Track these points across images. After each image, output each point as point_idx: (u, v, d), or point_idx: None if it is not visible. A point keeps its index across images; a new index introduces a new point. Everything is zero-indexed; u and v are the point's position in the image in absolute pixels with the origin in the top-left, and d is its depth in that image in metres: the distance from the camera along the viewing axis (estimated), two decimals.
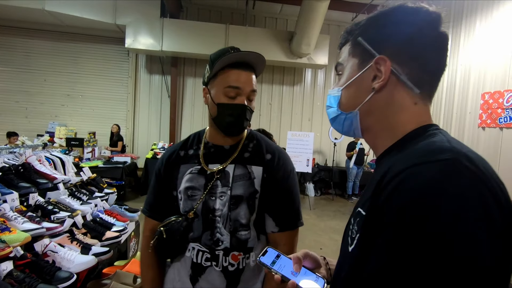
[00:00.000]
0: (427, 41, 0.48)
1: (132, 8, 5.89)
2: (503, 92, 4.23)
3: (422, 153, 0.40)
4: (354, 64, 0.53)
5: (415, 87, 0.48)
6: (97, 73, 6.86)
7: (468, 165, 0.36)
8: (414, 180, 0.37)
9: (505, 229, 0.34)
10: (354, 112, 0.53)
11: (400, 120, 0.49)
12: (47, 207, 1.55)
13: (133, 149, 7.08)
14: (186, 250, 0.88)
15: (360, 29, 0.53)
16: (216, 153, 0.92)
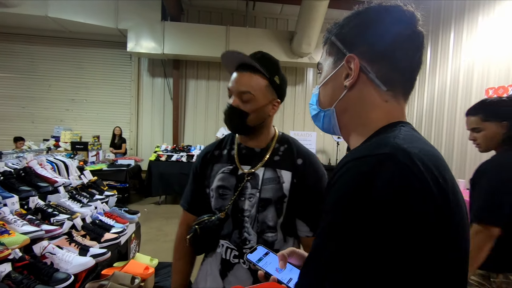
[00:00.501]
0: (399, 40, 0.48)
1: (133, 12, 5.96)
2: (507, 87, 4.15)
3: (366, 148, 0.42)
4: (330, 63, 0.55)
5: (382, 85, 0.49)
6: (100, 78, 6.95)
7: (401, 159, 0.37)
8: (348, 174, 0.39)
9: (427, 221, 0.35)
10: (331, 110, 0.55)
11: (371, 118, 0.50)
12: (46, 210, 1.58)
13: (137, 151, 7.14)
14: (217, 247, 0.94)
15: (336, 29, 0.54)
16: (247, 155, 0.96)
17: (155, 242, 3.77)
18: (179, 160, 5.57)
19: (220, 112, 7.23)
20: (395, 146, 0.39)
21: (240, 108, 0.89)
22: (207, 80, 7.18)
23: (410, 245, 0.34)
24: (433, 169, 0.38)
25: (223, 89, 7.22)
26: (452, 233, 0.38)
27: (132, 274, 1.47)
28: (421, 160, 0.37)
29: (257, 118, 0.91)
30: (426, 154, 0.39)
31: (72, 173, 2.28)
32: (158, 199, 5.64)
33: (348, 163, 0.40)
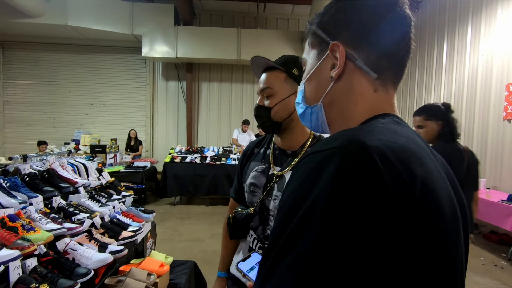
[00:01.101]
0: (383, 22, 0.45)
1: (148, 18, 6.13)
2: None
3: (322, 142, 0.39)
4: (313, 55, 0.51)
5: (372, 72, 0.45)
6: (116, 82, 7.19)
7: (351, 151, 0.33)
8: (299, 171, 0.37)
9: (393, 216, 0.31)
10: (318, 105, 0.50)
11: (355, 111, 0.47)
12: (68, 209, 1.67)
13: (152, 153, 7.33)
14: (248, 235, 1.02)
15: (317, 18, 0.50)
16: (279, 156, 1.00)
17: (170, 241, 3.87)
18: (193, 161, 5.67)
19: (232, 113, 7.32)
20: (350, 138, 0.35)
21: (261, 105, 0.95)
22: (220, 82, 7.28)
23: (352, 251, 0.30)
24: (397, 163, 0.33)
25: (235, 90, 7.30)
26: (419, 236, 0.32)
27: (148, 270, 1.53)
28: (380, 152, 0.33)
29: (281, 110, 0.93)
30: (392, 147, 0.34)
31: (91, 174, 2.38)
32: (173, 199, 5.76)
33: (303, 159, 0.38)
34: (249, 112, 7.32)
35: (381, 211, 0.30)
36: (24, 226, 1.33)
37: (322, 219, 0.31)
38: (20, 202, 1.51)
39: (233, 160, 5.68)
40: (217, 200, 5.69)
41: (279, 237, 0.35)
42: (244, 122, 6.20)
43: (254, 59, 0.97)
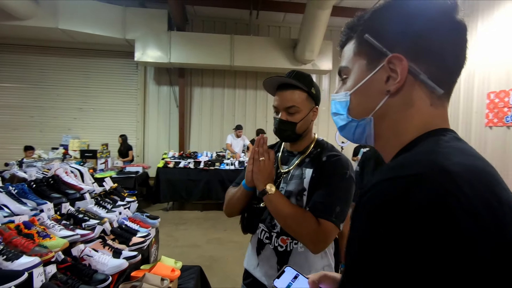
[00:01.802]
0: (443, 34, 0.42)
1: (141, 23, 6.11)
2: (509, 91, 4.27)
3: (394, 167, 0.37)
4: (361, 65, 0.48)
5: (437, 87, 0.43)
6: (107, 87, 7.08)
7: (438, 179, 0.31)
8: (372, 200, 0.35)
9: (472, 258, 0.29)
10: (367, 119, 0.48)
11: (411, 125, 0.44)
12: (78, 216, 1.67)
13: (143, 159, 7.24)
14: (257, 229, 1.13)
15: (364, 25, 0.47)
16: (288, 157, 1.15)
17: (166, 247, 3.83)
18: (186, 166, 5.66)
19: (225, 119, 7.35)
20: (431, 164, 0.33)
21: (289, 121, 1.06)
22: (212, 88, 7.31)
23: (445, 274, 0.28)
24: (484, 190, 0.31)
25: (227, 96, 7.34)
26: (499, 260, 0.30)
27: (161, 275, 1.55)
28: (465, 180, 0.31)
29: (303, 125, 1.08)
30: (473, 171, 0.33)
31: (86, 180, 2.37)
32: (166, 205, 5.71)
33: (377, 184, 0.35)
34: (241, 117, 7.38)
35: (477, 243, 0.29)
36: (39, 233, 1.33)
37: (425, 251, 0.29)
38: (31, 209, 1.50)
39: (226, 165, 5.71)
40: (210, 205, 5.68)
41: (363, 269, 0.33)
42: (237, 127, 6.25)
43: (268, 81, 1.07)
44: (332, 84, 7.61)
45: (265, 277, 1.08)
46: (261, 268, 1.11)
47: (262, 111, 7.45)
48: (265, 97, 7.42)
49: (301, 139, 1.11)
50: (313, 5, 5.07)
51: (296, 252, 1.05)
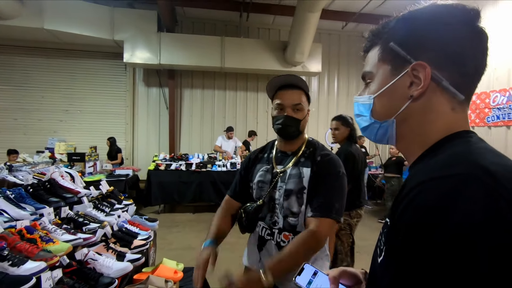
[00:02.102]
0: (465, 42, 0.45)
1: (130, 24, 6.03)
2: (489, 93, 4.48)
3: (437, 167, 0.39)
4: (386, 71, 0.50)
5: (459, 93, 0.45)
6: (95, 88, 6.94)
7: (484, 179, 0.33)
8: (423, 198, 0.36)
9: None
10: (390, 121, 0.51)
11: (434, 128, 0.47)
12: (78, 220, 1.65)
13: (133, 161, 7.13)
14: (257, 227, 1.19)
15: (389, 33, 0.50)
16: (281, 157, 1.21)
17: (160, 250, 3.79)
18: (178, 168, 5.62)
19: (215, 120, 7.34)
20: (473, 164, 0.36)
21: (294, 117, 1.13)
22: (202, 89, 7.29)
23: (497, 281, 0.30)
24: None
25: (218, 97, 7.34)
26: None
27: (164, 277, 1.55)
28: (506, 179, 0.34)
29: (305, 123, 1.17)
30: (510, 171, 0.35)
31: (77, 184, 2.33)
32: (157, 208, 5.65)
33: (424, 183, 0.37)
34: (231, 118, 7.39)
35: None
36: (42, 237, 1.31)
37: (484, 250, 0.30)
38: (31, 214, 1.48)
39: (218, 167, 5.70)
40: (201, 207, 5.66)
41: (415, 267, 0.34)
42: (228, 129, 6.25)
43: (283, 78, 1.14)
44: (321, 85, 7.74)
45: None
46: (264, 263, 1.13)
47: (252, 113, 7.49)
48: (256, 99, 7.46)
49: (296, 138, 1.18)
50: (303, 8, 5.16)
51: None
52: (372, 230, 4.77)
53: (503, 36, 4.25)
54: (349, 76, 7.80)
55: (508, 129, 4.23)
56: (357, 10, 6.24)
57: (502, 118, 4.28)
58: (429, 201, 0.35)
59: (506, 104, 4.23)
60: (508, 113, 4.20)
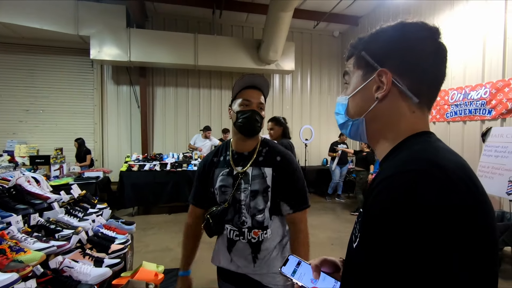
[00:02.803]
0: (425, 54, 0.52)
1: (96, 19, 5.74)
2: (448, 91, 4.84)
3: (400, 163, 0.45)
4: (358, 76, 0.58)
5: (414, 97, 0.52)
6: (59, 86, 6.53)
7: (438, 175, 0.40)
8: (389, 189, 0.42)
9: (475, 232, 0.39)
10: (360, 119, 0.58)
11: (398, 127, 0.54)
12: (49, 226, 1.57)
13: (103, 163, 6.82)
14: (224, 230, 1.23)
15: (363, 44, 0.58)
16: (238, 158, 1.23)
17: (137, 253, 3.69)
18: (152, 169, 5.47)
19: (190, 119, 7.23)
20: (430, 161, 0.43)
21: (261, 114, 1.20)
22: (176, 87, 7.13)
23: (451, 258, 0.37)
24: (467, 181, 0.41)
25: (192, 96, 7.22)
26: (492, 240, 0.41)
27: (145, 280, 1.53)
28: (455, 174, 0.41)
29: (263, 121, 1.23)
30: (459, 167, 0.43)
31: (44, 188, 2.21)
32: (131, 210, 5.47)
33: (390, 177, 0.44)
34: (206, 117, 7.31)
35: (472, 223, 0.39)
36: (12, 247, 1.24)
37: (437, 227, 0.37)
38: None
39: (194, 166, 5.63)
40: (177, 207, 5.56)
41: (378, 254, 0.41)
42: (206, 128, 6.18)
43: (259, 78, 1.19)
44: (294, 83, 7.89)
45: (242, 268, 1.21)
46: (235, 261, 1.22)
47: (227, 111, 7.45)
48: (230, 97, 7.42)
49: (255, 137, 1.22)
50: (276, 7, 5.22)
51: (266, 239, 1.20)
52: (345, 222, 4.99)
53: (459, 37, 4.60)
54: (321, 74, 8.02)
55: (464, 124, 4.60)
56: (327, 10, 6.43)
57: (459, 114, 4.65)
58: (393, 191, 0.42)
59: (462, 101, 4.59)
60: (464, 109, 4.57)
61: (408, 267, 0.38)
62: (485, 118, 4.27)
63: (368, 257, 0.43)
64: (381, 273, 0.40)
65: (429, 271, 0.37)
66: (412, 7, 5.50)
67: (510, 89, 3.91)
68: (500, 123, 4.07)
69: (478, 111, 4.36)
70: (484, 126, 4.19)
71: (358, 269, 0.46)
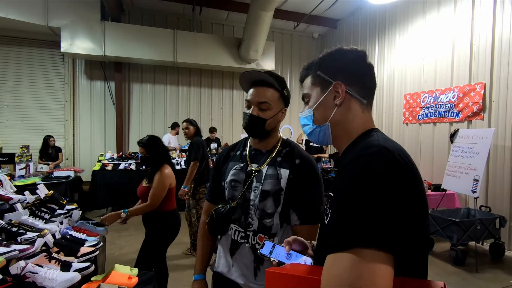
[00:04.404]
0: (363, 69, 0.71)
1: (67, 10, 5.45)
2: (420, 93, 5.06)
3: (360, 149, 0.60)
4: (317, 91, 0.72)
5: (362, 99, 0.69)
6: (25, 80, 6.13)
7: (386, 153, 0.55)
8: (351, 169, 0.56)
9: (410, 188, 0.53)
10: (326, 125, 0.71)
11: (354, 126, 0.69)
12: (11, 229, 1.45)
13: (74, 161, 6.49)
14: (228, 230, 1.13)
15: (316, 66, 0.73)
16: (256, 155, 1.16)
17: (111, 256, 3.55)
18: (127, 168, 5.28)
19: (168, 117, 7.06)
20: (380, 146, 0.57)
21: (259, 116, 1.08)
22: (153, 84, 6.94)
23: (401, 205, 0.51)
24: (406, 159, 0.56)
25: (170, 93, 7.06)
26: (424, 198, 0.57)
27: (118, 284, 1.46)
28: (398, 153, 0.55)
29: (272, 123, 1.11)
30: (399, 149, 0.58)
31: (6, 188, 2.07)
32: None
33: (350, 162, 0.58)
34: (185, 115, 7.15)
35: (409, 184, 0.54)
36: None
37: (385, 193, 0.51)
38: None
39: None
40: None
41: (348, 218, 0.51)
42: (174, 125, 6.22)
43: (246, 75, 1.09)
44: None
45: (241, 278, 1.09)
46: (236, 268, 1.11)
47: (207, 109, 7.36)
48: (210, 95, 7.35)
49: (269, 137, 1.14)
50: (256, 6, 5.22)
51: None
52: None
53: (430, 43, 4.83)
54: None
55: (435, 126, 4.84)
56: (307, 12, 6.52)
57: (430, 116, 4.88)
58: (356, 167, 0.56)
59: (433, 104, 4.82)
60: (434, 111, 4.80)
61: (367, 216, 0.49)
62: (453, 120, 4.51)
63: (339, 217, 0.54)
64: (348, 223, 0.51)
65: (380, 217, 0.49)
66: (387, 13, 5.71)
67: (475, 93, 4.16)
68: (467, 125, 4.32)
69: (447, 113, 4.60)
70: (452, 128, 4.43)
71: (330, 237, 0.56)
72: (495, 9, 3.93)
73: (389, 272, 0.48)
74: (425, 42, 4.96)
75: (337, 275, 0.49)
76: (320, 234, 0.69)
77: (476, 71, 4.18)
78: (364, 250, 0.48)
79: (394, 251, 0.49)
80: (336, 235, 0.53)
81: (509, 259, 3.55)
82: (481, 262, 3.38)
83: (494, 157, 3.89)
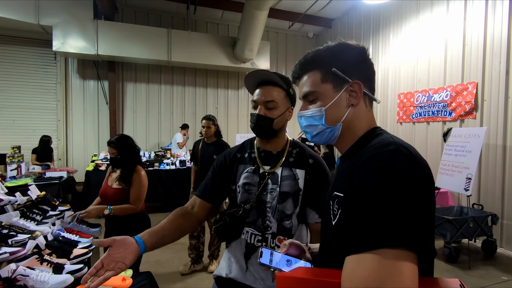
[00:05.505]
0: (371, 68, 0.70)
1: (59, 8, 5.37)
2: (413, 93, 5.11)
3: (378, 147, 0.57)
4: (329, 88, 0.67)
5: (377, 98, 0.69)
6: (16, 79, 6.02)
7: (405, 152, 0.54)
8: (372, 167, 0.54)
9: (428, 187, 0.53)
10: (338, 125, 0.67)
11: (361, 125, 0.67)
12: (1, 231, 1.43)
13: (67, 162, 6.41)
14: (241, 234, 1.11)
15: (326, 61, 0.67)
16: (266, 157, 1.14)
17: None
18: None
19: (162, 117, 7.01)
20: (397, 144, 0.56)
21: (266, 115, 1.07)
22: (147, 84, 6.88)
23: (423, 203, 0.51)
24: (416, 155, 0.55)
25: (164, 92, 7.01)
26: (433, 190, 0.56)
27: (112, 286, 1.44)
28: (412, 151, 0.55)
29: (280, 122, 1.10)
30: (408, 147, 0.56)
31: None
32: None
33: (371, 157, 0.55)
34: (179, 115, 7.13)
35: (428, 182, 0.54)
36: None
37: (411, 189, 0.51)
38: None
39: (166, 165, 5.47)
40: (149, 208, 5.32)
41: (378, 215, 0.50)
42: (184, 126, 6.29)
43: (251, 75, 1.08)
44: None
45: (258, 282, 1.07)
46: (252, 272, 1.08)
47: (202, 109, 7.32)
48: (205, 94, 7.31)
49: (276, 137, 1.13)
50: (251, 6, 5.20)
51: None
52: None
53: (424, 43, 4.88)
54: None
55: (428, 125, 4.89)
56: (302, 11, 6.52)
57: (424, 115, 4.93)
58: (377, 165, 0.54)
59: (426, 103, 4.87)
60: (427, 111, 4.85)
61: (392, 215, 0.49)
62: (446, 119, 4.56)
63: (360, 217, 0.52)
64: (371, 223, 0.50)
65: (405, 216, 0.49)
66: (381, 13, 5.75)
67: (468, 92, 4.21)
68: (459, 124, 4.37)
69: (440, 112, 4.65)
70: (445, 127, 4.48)
71: (343, 238, 0.55)
72: (487, 10, 3.98)
73: (416, 271, 0.48)
74: (418, 42, 5.00)
75: (362, 277, 0.48)
76: (326, 234, 0.66)
77: (468, 71, 4.23)
78: (391, 250, 0.47)
79: (419, 249, 0.48)
80: (357, 235, 0.51)
81: (501, 256, 3.60)
82: (474, 259, 3.43)
83: (486, 156, 3.95)
